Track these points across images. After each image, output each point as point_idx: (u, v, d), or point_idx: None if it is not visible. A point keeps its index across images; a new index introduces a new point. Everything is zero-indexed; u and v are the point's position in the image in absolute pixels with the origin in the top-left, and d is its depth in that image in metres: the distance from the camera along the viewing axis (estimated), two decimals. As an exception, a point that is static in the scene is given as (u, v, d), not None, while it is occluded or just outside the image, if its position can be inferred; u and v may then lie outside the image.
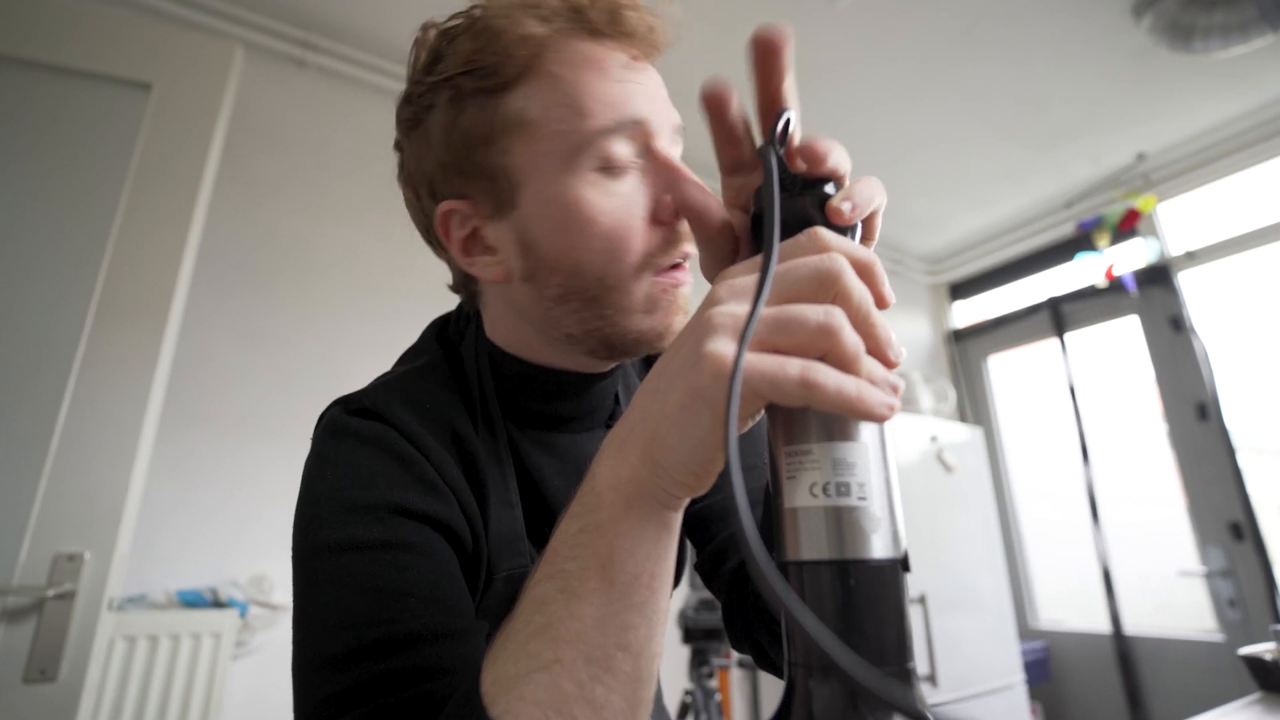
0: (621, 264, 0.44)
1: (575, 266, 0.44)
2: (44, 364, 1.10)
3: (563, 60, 0.43)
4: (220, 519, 1.61)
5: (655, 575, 0.30)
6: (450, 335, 0.55)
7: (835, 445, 0.26)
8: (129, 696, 1.37)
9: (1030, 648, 2.76)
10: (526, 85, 0.44)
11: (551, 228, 0.44)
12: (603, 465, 0.31)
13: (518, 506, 0.49)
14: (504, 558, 0.47)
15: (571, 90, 0.43)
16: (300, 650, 0.38)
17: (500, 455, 0.49)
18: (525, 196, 0.45)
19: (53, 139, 1.20)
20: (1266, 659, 0.92)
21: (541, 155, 0.44)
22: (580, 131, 0.43)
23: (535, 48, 0.43)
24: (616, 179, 0.44)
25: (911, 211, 3.13)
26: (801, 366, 0.24)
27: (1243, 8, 1.82)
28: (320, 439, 0.46)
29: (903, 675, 0.24)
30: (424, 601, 0.38)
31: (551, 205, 0.44)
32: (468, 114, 0.45)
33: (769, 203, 0.28)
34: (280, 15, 1.95)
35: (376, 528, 0.40)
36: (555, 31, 0.43)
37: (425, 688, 0.34)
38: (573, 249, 0.44)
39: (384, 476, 0.42)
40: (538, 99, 0.43)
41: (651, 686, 0.30)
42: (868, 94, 2.35)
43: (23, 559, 1.02)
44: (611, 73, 0.44)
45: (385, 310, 1.93)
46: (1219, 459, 2.51)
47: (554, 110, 0.43)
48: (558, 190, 0.44)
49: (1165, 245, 2.79)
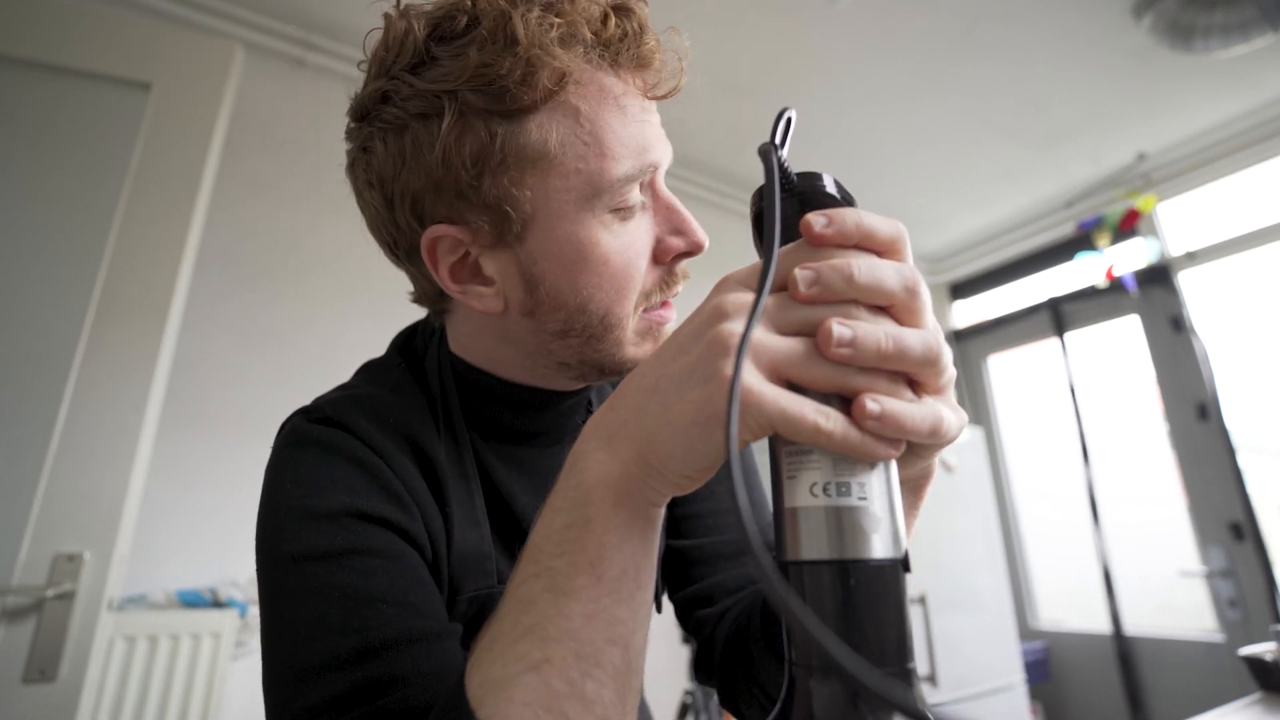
0: (625, 303, 0.44)
1: (582, 305, 0.44)
2: (44, 363, 1.10)
3: (585, 94, 0.41)
4: (220, 519, 1.61)
5: (641, 569, 0.30)
6: (416, 347, 0.54)
7: (835, 445, 0.26)
8: (129, 696, 1.36)
9: (1030, 648, 2.76)
10: (545, 114, 0.41)
11: (562, 266, 0.43)
12: (590, 459, 0.30)
13: (485, 525, 0.48)
14: (469, 578, 0.46)
15: (594, 129, 0.41)
16: (271, 664, 0.37)
17: (466, 470, 0.48)
18: (534, 232, 0.43)
19: (53, 139, 1.20)
20: (1267, 659, 0.92)
21: (556, 192, 0.42)
22: (603, 175, 0.41)
23: (561, 76, 0.40)
24: (626, 220, 0.44)
25: (911, 211, 3.13)
26: (815, 414, 0.25)
27: (1243, 8, 1.82)
28: (281, 448, 0.45)
29: (903, 675, 0.24)
30: (394, 607, 0.37)
31: (565, 244, 0.42)
32: (474, 135, 0.41)
33: (769, 203, 0.27)
34: (280, 15, 1.95)
35: (341, 535, 0.39)
36: (580, 58, 0.41)
37: (401, 694, 0.34)
38: (582, 289, 0.43)
39: (346, 484, 0.41)
40: (556, 131, 0.41)
41: (640, 677, 0.30)
42: (868, 94, 2.35)
43: (22, 559, 1.01)
44: (631, 112, 0.43)
45: (385, 309, 1.92)
46: (1219, 459, 2.50)
47: (575, 147, 0.41)
48: (572, 229, 0.42)
49: (1165, 245, 2.79)
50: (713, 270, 0.37)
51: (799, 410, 0.25)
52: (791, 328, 0.26)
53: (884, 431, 0.25)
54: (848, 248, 0.27)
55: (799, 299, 0.26)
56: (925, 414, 0.26)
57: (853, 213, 0.27)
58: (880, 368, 0.26)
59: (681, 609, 0.57)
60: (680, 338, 0.29)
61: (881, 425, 0.25)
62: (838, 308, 0.26)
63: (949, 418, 0.27)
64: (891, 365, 0.26)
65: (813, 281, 0.26)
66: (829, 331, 0.25)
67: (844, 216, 0.27)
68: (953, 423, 0.27)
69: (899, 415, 0.25)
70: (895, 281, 0.26)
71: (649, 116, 0.44)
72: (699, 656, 0.55)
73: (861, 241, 0.27)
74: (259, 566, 0.41)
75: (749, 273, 0.29)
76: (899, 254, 0.28)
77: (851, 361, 0.25)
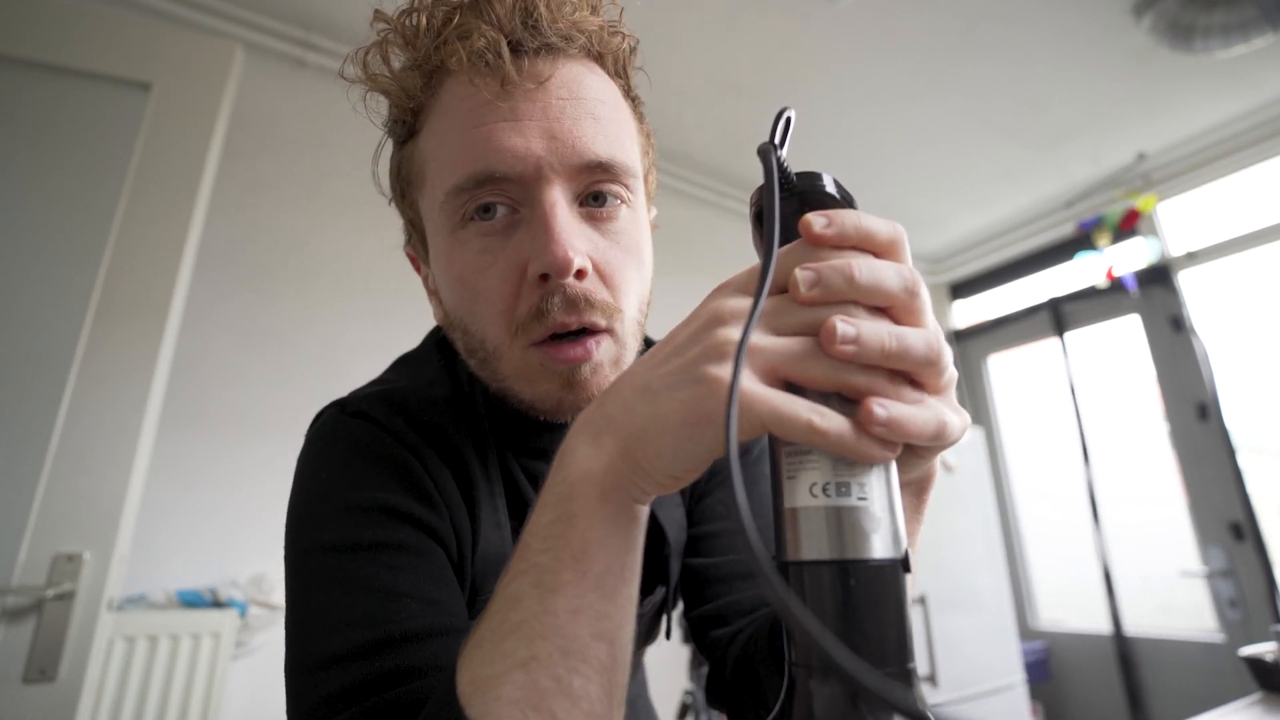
0: (496, 327, 0.42)
1: (465, 325, 0.44)
2: (43, 363, 1.10)
3: (438, 108, 0.42)
4: (220, 519, 1.61)
5: (626, 565, 0.30)
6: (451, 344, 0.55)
7: (835, 445, 0.26)
8: (128, 696, 1.36)
9: (1030, 648, 2.76)
10: (423, 137, 0.43)
11: (445, 281, 0.44)
12: (576, 454, 0.30)
13: (506, 528, 0.48)
14: (489, 579, 0.46)
15: (440, 144, 0.42)
16: (294, 651, 0.38)
17: (490, 475, 0.48)
18: (430, 247, 0.45)
19: (53, 139, 1.20)
20: (1267, 659, 0.92)
21: (428, 209, 0.43)
22: (441, 188, 0.41)
23: (415, 99, 0.42)
24: (488, 236, 0.41)
25: (911, 211, 3.13)
26: (809, 412, 0.24)
27: (1243, 8, 1.82)
28: (314, 439, 0.46)
29: (903, 675, 0.24)
30: (419, 602, 0.38)
31: (440, 260, 0.44)
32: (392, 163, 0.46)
33: (768, 203, 0.27)
34: (280, 15, 1.95)
35: (370, 529, 0.39)
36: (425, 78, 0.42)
37: (418, 685, 0.34)
38: (459, 306, 0.43)
39: (377, 480, 0.42)
40: (426, 152, 0.43)
41: (626, 673, 0.30)
42: (868, 94, 2.35)
43: (22, 559, 1.01)
44: (473, 118, 0.40)
45: (384, 310, 1.93)
46: (1219, 459, 2.50)
47: (430, 163, 0.43)
48: (442, 245, 0.43)
49: (1165, 245, 2.79)
50: (712, 270, 0.37)
51: (792, 410, 0.24)
52: (789, 329, 0.26)
53: (890, 436, 0.25)
54: (846, 249, 0.27)
55: (800, 300, 0.26)
56: (929, 417, 0.25)
57: (852, 213, 0.27)
58: (882, 366, 0.25)
59: (696, 628, 0.56)
60: (675, 341, 0.29)
61: (888, 431, 0.24)
62: (838, 308, 0.26)
63: (952, 420, 0.27)
64: (894, 364, 0.25)
65: (814, 282, 0.26)
66: (833, 328, 0.25)
67: (843, 217, 0.27)
68: (955, 425, 0.27)
69: (904, 420, 0.25)
70: (896, 282, 0.26)
71: (504, 117, 0.40)
72: (710, 678, 0.54)
73: (860, 242, 0.27)
74: (287, 555, 0.42)
75: (745, 278, 0.29)
76: (897, 255, 0.28)
77: (855, 359, 0.25)
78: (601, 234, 0.43)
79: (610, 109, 0.44)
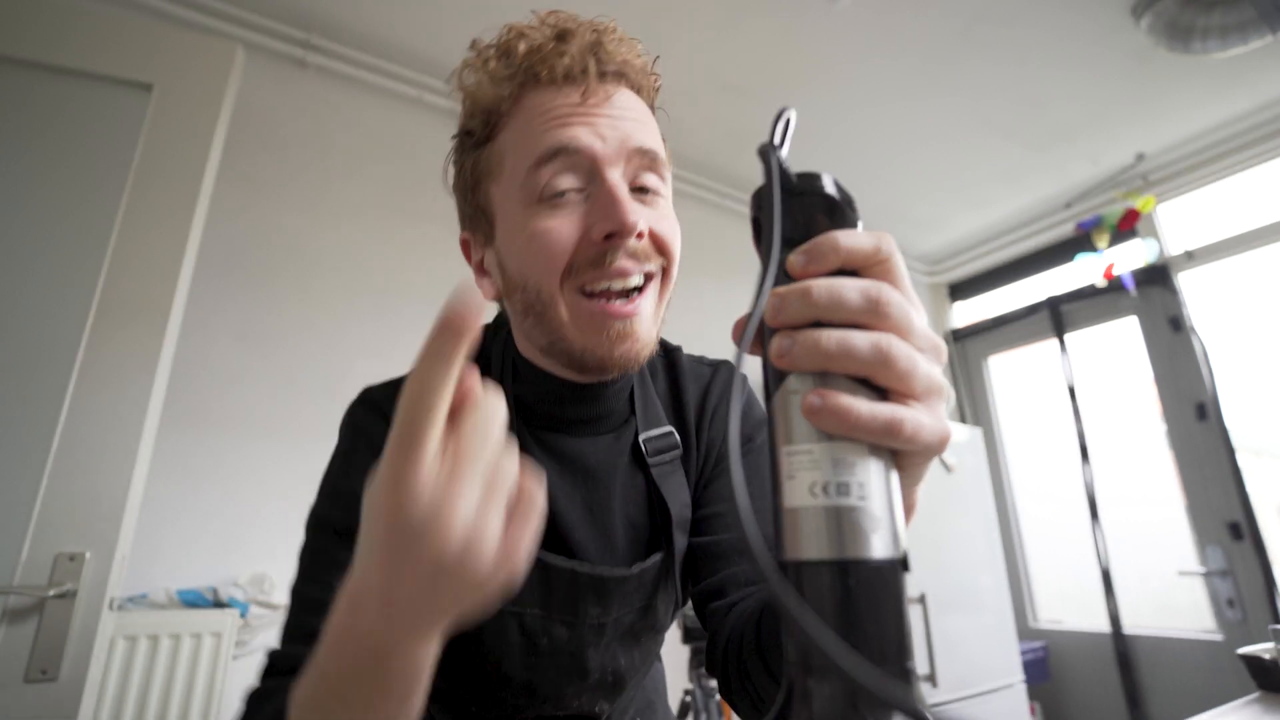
0: (552, 276, 0.50)
1: (524, 282, 0.52)
2: (45, 364, 1.10)
3: (520, 113, 0.52)
4: (220, 519, 1.61)
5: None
6: (485, 333, 0.60)
7: (835, 445, 0.26)
8: (130, 696, 1.37)
9: (1030, 648, 2.76)
10: (498, 139, 0.53)
11: (511, 251, 0.53)
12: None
13: None
14: None
15: (520, 138, 0.51)
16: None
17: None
18: (498, 229, 0.54)
19: (53, 139, 1.20)
20: (1265, 659, 0.92)
21: (504, 193, 0.53)
22: (528, 162, 0.50)
23: (499, 109, 0.52)
24: (556, 208, 0.50)
25: (911, 211, 3.13)
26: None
27: (1242, 8, 1.83)
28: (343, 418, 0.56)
29: (902, 675, 0.24)
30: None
31: (510, 232, 0.53)
32: (465, 166, 0.56)
33: (768, 203, 0.28)
34: (281, 15, 1.95)
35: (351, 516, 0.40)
36: (517, 88, 0.51)
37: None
38: (522, 266, 0.52)
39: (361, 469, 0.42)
40: (502, 149, 0.53)
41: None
42: (868, 94, 2.35)
43: (24, 559, 1.02)
44: (555, 115, 0.50)
45: (386, 311, 1.93)
46: (1218, 459, 2.51)
47: (510, 153, 0.52)
48: (515, 219, 0.52)
49: (1164, 245, 2.79)
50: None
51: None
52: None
53: (826, 426, 0.25)
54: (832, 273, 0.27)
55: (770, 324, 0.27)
56: (878, 410, 0.25)
57: (829, 239, 0.28)
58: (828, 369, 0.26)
59: (698, 602, 0.61)
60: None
61: (821, 418, 0.25)
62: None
63: (910, 419, 0.26)
64: (836, 366, 0.26)
65: (777, 310, 0.27)
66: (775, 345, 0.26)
67: (820, 246, 0.27)
68: (922, 427, 0.26)
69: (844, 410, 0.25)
70: (855, 297, 0.27)
71: (581, 114, 0.50)
72: (708, 647, 0.59)
73: (845, 262, 0.27)
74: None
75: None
76: (884, 265, 0.28)
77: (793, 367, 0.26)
78: (650, 209, 0.53)
79: (651, 124, 0.56)
